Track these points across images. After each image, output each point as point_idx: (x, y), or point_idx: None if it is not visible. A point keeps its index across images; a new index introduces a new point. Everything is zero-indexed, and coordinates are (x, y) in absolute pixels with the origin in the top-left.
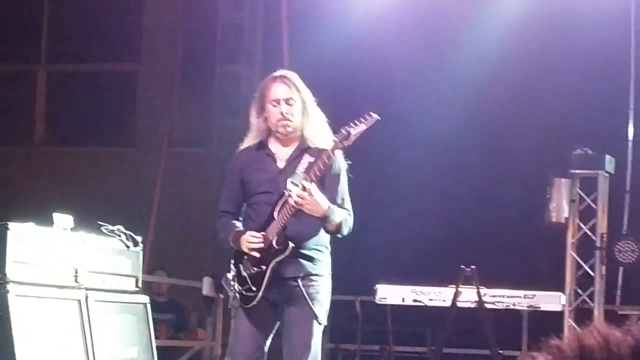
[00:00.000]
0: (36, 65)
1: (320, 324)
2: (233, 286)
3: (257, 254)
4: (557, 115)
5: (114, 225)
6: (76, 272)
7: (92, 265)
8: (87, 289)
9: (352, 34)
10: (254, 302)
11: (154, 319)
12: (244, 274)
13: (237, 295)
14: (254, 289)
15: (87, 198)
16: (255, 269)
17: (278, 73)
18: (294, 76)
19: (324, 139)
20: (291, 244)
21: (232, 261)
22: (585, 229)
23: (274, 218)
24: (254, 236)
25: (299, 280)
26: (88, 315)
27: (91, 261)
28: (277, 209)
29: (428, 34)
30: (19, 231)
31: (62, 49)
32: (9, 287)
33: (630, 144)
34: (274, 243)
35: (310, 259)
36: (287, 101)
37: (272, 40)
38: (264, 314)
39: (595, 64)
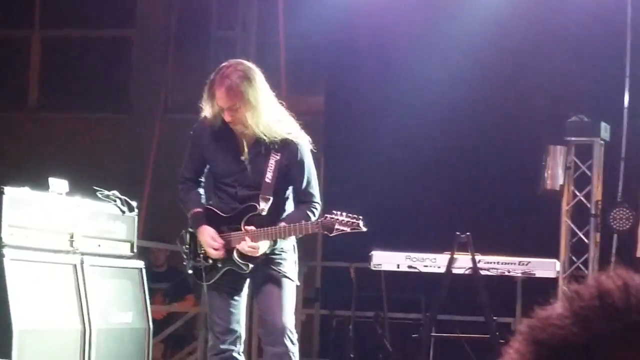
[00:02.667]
0: (30, 31)
1: (290, 279)
2: (187, 257)
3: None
4: (553, 82)
5: (109, 190)
6: (71, 237)
7: (88, 230)
8: (82, 254)
9: (348, 0)
10: (206, 283)
11: (149, 289)
12: (199, 251)
13: (192, 269)
14: (204, 273)
15: (81, 164)
16: (211, 260)
17: (223, 72)
18: (237, 74)
19: (278, 129)
20: (250, 266)
21: (190, 231)
22: (580, 196)
23: (241, 228)
24: (215, 241)
25: (264, 255)
26: (83, 279)
27: (86, 226)
28: (243, 221)
29: (426, 1)
30: (15, 196)
31: (56, 15)
32: (5, 251)
33: (626, 111)
34: (235, 255)
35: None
36: (230, 109)
37: (267, 5)
38: (230, 281)
39: (592, 31)
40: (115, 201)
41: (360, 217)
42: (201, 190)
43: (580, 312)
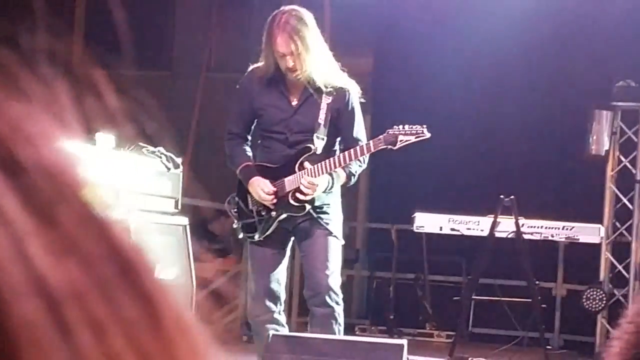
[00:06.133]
0: None
1: (336, 238)
2: (236, 217)
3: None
4: (600, 46)
5: (154, 147)
6: (117, 192)
7: (133, 185)
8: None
9: None
10: (258, 238)
11: (203, 246)
12: (251, 207)
13: (241, 227)
14: (257, 228)
15: (124, 121)
16: (264, 211)
17: (281, 17)
18: (296, 19)
19: (331, 75)
20: (308, 206)
21: (238, 187)
22: (625, 162)
23: (295, 171)
24: (268, 193)
25: (311, 209)
26: (128, 235)
27: (132, 181)
28: (298, 162)
29: None
30: None
31: None
32: None
33: None
34: (290, 198)
35: (328, 190)
36: (292, 54)
37: None
38: (275, 241)
39: None
40: (160, 158)
41: (424, 125)
42: (248, 147)
43: None
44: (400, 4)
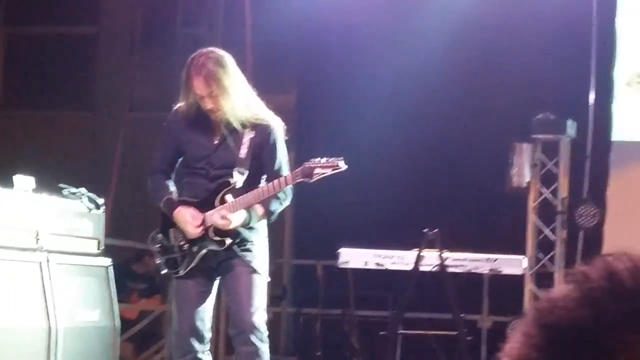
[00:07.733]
0: None
1: (260, 275)
2: (159, 253)
3: (192, 235)
4: (519, 80)
5: (75, 188)
6: (37, 235)
7: (54, 227)
8: (48, 252)
9: None
10: (181, 274)
11: (127, 287)
12: (173, 243)
13: (164, 263)
14: (180, 263)
15: (46, 162)
16: (186, 245)
17: (198, 60)
18: (213, 62)
19: (253, 112)
20: (228, 240)
21: (161, 223)
22: (546, 193)
23: (214, 205)
24: (194, 217)
25: (234, 246)
26: (49, 277)
27: (53, 223)
28: (218, 197)
29: None
30: None
31: (20, 11)
32: None
33: (591, 109)
34: (210, 233)
35: (246, 227)
36: (209, 96)
37: (234, 3)
38: (200, 278)
39: (557, 29)
40: (81, 198)
41: (341, 157)
42: (171, 182)
43: (589, 294)
44: (321, 40)
